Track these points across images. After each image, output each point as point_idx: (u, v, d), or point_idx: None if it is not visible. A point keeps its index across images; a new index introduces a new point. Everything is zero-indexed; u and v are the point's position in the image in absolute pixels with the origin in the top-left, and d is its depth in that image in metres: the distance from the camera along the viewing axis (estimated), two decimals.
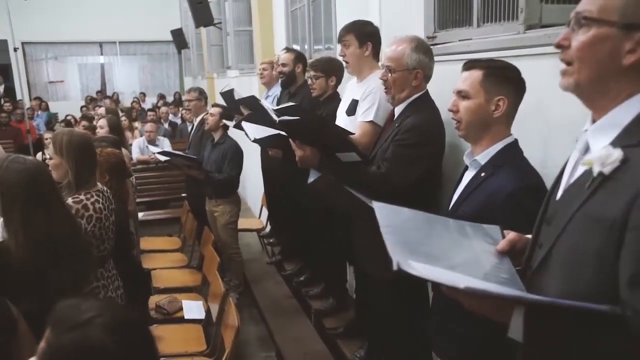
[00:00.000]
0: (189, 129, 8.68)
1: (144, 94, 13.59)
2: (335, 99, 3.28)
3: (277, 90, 4.36)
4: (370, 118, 2.56)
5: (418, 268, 1.02)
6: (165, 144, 6.47)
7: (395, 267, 0.99)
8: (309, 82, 3.38)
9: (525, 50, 1.89)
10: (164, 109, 9.59)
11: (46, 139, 7.46)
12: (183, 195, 5.86)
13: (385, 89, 2.29)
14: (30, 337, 1.75)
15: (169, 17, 12.66)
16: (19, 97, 12.73)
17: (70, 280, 2.01)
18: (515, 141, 1.67)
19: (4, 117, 9.95)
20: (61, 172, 2.27)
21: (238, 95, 4.12)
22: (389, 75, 2.22)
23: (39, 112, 11.73)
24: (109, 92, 13.96)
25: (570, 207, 1.00)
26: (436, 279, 1.04)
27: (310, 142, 2.24)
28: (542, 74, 1.71)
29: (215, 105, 4.46)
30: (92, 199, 2.29)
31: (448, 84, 1.90)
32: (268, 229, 5.27)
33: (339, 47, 2.81)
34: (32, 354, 1.74)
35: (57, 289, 1.93)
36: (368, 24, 2.71)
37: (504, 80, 1.62)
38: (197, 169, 4.19)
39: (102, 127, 4.24)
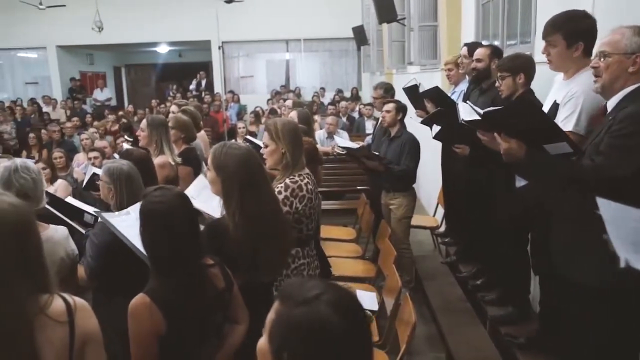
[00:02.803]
0: (366, 123, 8.94)
1: (323, 89, 14.22)
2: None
3: (463, 86, 4.26)
4: (569, 128, 2.31)
5: None
6: (344, 136, 6.72)
7: (622, 264, 0.97)
8: (497, 83, 3.22)
9: None
10: (343, 104, 9.95)
11: (239, 127, 8.27)
12: (359, 187, 6.03)
13: (595, 77, 2.06)
14: (240, 300, 1.96)
15: (350, 15, 13.09)
16: (216, 90, 14.30)
17: (276, 258, 2.19)
18: None
19: (204, 108, 11.20)
20: (276, 157, 2.48)
21: (423, 89, 4.09)
22: (601, 60, 1.99)
23: (232, 104, 13.00)
24: (291, 87, 14.87)
25: None
26: None
27: (515, 133, 2.12)
28: None
29: (388, 101, 4.50)
30: (305, 181, 2.50)
31: None
32: (443, 227, 5.18)
33: (537, 42, 2.58)
34: (242, 315, 1.95)
35: (265, 266, 2.12)
36: (581, 17, 2.38)
37: None
38: (377, 160, 4.28)
39: (292, 118, 4.49)
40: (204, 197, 2.61)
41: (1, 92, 15.89)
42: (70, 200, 3.00)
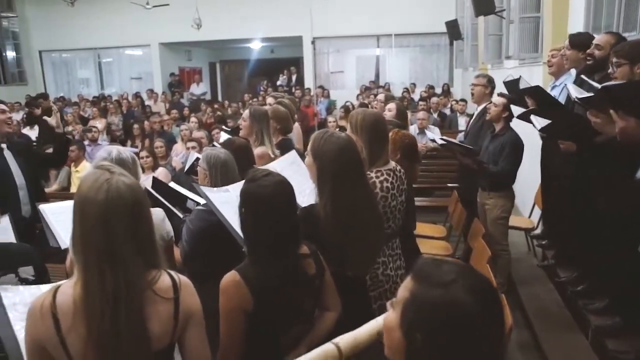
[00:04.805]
0: (459, 119, 8.69)
1: (414, 85, 13.97)
2: None
3: (566, 79, 3.99)
4: None
5: None
6: (436, 132, 6.56)
7: None
8: (610, 70, 2.96)
9: None
10: (434, 100, 9.74)
11: (329, 122, 8.35)
12: (449, 185, 5.87)
13: None
14: (333, 288, 1.95)
15: (443, 9, 12.72)
16: (306, 85, 14.50)
17: (365, 254, 2.14)
18: None
19: (296, 102, 11.40)
20: None
21: (525, 84, 3.88)
22: None
23: (322, 99, 13.14)
24: (381, 82, 14.74)
25: None
26: None
27: (635, 112, 1.96)
28: None
29: (500, 95, 4.30)
30: (382, 177, 2.38)
31: None
32: (539, 229, 4.91)
33: None
34: (333, 302, 1.94)
35: (352, 260, 2.08)
36: None
37: None
38: (471, 157, 4.12)
39: (390, 110, 4.36)
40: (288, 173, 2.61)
41: (110, 87, 17.19)
42: (173, 186, 3.14)
